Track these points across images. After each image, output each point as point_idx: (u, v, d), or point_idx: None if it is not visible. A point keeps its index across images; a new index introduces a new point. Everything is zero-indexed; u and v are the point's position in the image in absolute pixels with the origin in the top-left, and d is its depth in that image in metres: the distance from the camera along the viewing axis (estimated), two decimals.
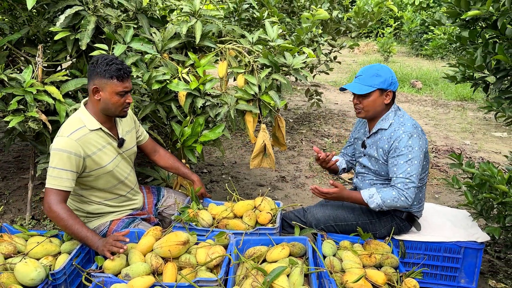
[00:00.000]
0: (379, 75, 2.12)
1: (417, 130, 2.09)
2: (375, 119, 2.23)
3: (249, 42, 2.81)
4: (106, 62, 2.00)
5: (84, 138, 2.05)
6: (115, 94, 2.04)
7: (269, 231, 2.20)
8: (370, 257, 1.98)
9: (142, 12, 2.73)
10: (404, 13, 13.10)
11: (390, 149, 2.12)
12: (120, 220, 2.28)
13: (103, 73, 2.01)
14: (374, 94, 2.13)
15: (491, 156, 4.69)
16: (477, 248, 2.21)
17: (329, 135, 5.32)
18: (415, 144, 2.05)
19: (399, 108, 2.21)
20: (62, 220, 1.95)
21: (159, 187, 2.62)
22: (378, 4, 4.96)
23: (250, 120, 2.65)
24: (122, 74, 2.02)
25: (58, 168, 1.98)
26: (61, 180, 1.98)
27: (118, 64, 2.02)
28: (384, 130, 2.17)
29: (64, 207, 1.98)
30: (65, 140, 2.01)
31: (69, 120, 2.11)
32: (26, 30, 2.73)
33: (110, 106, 2.07)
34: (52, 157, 2.00)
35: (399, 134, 2.08)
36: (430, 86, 8.48)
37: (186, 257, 1.97)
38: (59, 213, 1.95)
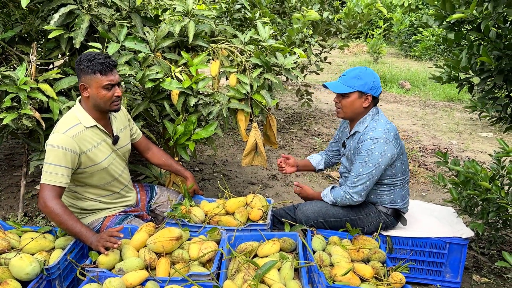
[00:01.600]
0: (361, 78, 2.18)
1: (387, 135, 2.15)
2: (354, 120, 2.30)
3: (241, 42, 2.86)
4: (88, 59, 2.04)
5: (80, 135, 2.09)
6: (102, 88, 2.07)
7: (260, 227, 2.25)
8: (358, 251, 2.04)
9: (135, 11, 2.76)
10: (394, 14, 13.23)
11: (356, 151, 2.23)
12: (113, 217, 2.31)
13: (86, 69, 2.04)
14: (353, 96, 2.20)
15: (477, 155, 4.79)
16: (461, 244, 2.28)
17: (319, 134, 5.39)
18: (377, 149, 2.13)
19: (378, 112, 2.27)
20: (57, 215, 1.98)
21: (152, 185, 2.66)
22: (367, 6, 5.03)
23: (242, 118, 2.70)
24: (104, 68, 2.04)
25: (53, 164, 2.01)
26: (56, 176, 2.01)
27: (101, 59, 2.05)
28: (359, 132, 2.24)
29: (59, 202, 2.01)
30: (61, 137, 2.04)
31: (65, 117, 2.14)
32: (20, 28, 2.75)
33: (99, 101, 2.10)
34: (48, 153, 2.03)
35: (366, 138, 2.17)
36: (419, 87, 8.60)
37: (179, 252, 2.01)
38: (54, 209, 1.98)
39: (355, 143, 2.25)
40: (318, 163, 2.65)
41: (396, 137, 2.19)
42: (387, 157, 2.14)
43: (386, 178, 2.24)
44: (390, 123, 2.21)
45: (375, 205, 2.32)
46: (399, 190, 2.29)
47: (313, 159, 2.66)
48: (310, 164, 2.66)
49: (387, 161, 2.16)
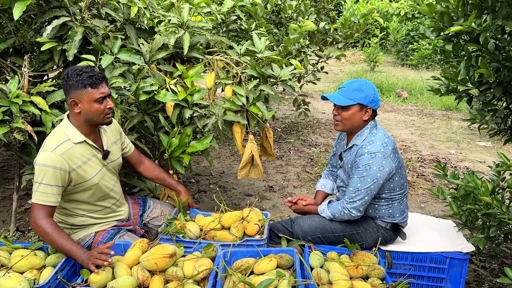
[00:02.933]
0: (362, 90, 2.15)
1: (385, 150, 2.11)
2: (352, 133, 2.26)
3: (237, 54, 2.83)
4: (76, 73, 1.99)
5: (69, 152, 2.03)
6: (94, 102, 2.02)
7: (256, 243, 2.20)
8: (357, 268, 1.99)
9: (130, 23, 2.73)
10: (390, 23, 13.29)
11: (353, 164, 2.19)
12: (105, 231, 2.26)
13: (76, 84, 1.99)
14: (354, 108, 2.16)
15: (475, 165, 4.76)
16: (462, 259, 2.24)
17: (316, 145, 5.35)
18: (375, 164, 2.09)
19: (376, 126, 2.23)
20: (47, 234, 1.94)
21: (145, 197, 2.60)
22: (364, 16, 5.03)
23: (238, 131, 2.66)
24: (94, 81, 2.00)
25: (43, 183, 1.96)
26: (46, 195, 1.97)
27: (89, 72, 2.00)
28: (356, 145, 2.20)
29: (49, 221, 1.97)
30: (49, 155, 1.98)
31: (53, 134, 2.09)
32: (13, 40, 2.71)
33: (92, 116, 2.05)
34: (37, 172, 1.98)
35: (363, 152, 2.12)
36: (416, 96, 8.60)
37: (173, 270, 1.96)
38: (44, 228, 1.94)
39: (353, 157, 2.21)
40: (333, 189, 2.58)
41: (394, 151, 2.15)
42: (385, 172, 2.10)
43: (384, 192, 2.20)
44: (388, 137, 2.18)
45: (374, 219, 2.28)
46: (398, 204, 2.24)
47: (326, 188, 2.59)
48: (325, 193, 2.59)
49: (386, 176, 2.12)
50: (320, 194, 2.59)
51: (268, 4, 4.48)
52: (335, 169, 2.59)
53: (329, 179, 2.62)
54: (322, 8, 5.15)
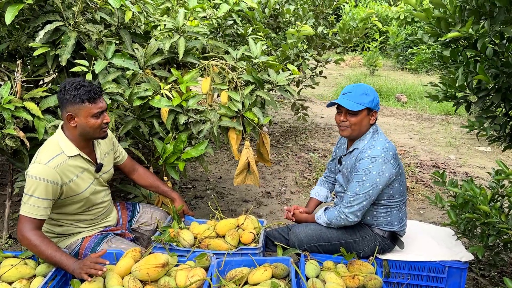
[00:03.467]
0: (368, 94, 2.12)
1: (386, 155, 2.08)
2: (355, 138, 2.22)
3: (233, 59, 2.80)
4: (74, 87, 1.94)
5: (63, 165, 1.99)
6: (91, 117, 1.99)
7: (251, 251, 2.16)
8: (354, 278, 1.95)
9: (124, 28, 2.70)
10: (389, 27, 13.28)
11: (353, 169, 2.15)
12: (92, 237, 2.22)
13: (73, 98, 1.94)
14: (363, 113, 2.13)
15: (475, 171, 4.72)
16: (461, 268, 2.20)
17: (315, 150, 5.31)
18: (375, 168, 2.06)
19: (378, 131, 2.20)
20: (35, 246, 1.89)
21: (134, 202, 2.57)
22: (363, 20, 5.00)
23: (233, 137, 2.62)
24: (93, 96, 1.96)
25: (34, 196, 1.91)
26: (36, 208, 1.92)
27: (87, 86, 1.96)
28: (357, 149, 2.17)
29: (36, 233, 1.92)
30: (42, 168, 1.94)
31: (47, 146, 2.04)
32: (6, 45, 2.68)
33: (88, 130, 2.02)
34: (29, 184, 1.93)
35: (364, 156, 2.09)
36: (415, 100, 8.56)
37: (166, 280, 1.92)
38: (31, 240, 1.89)
39: (353, 161, 2.17)
40: (326, 197, 2.56)
41: (395, 157, 2.12)
42: (385, 177, 2.07)
43: (383, 199, 2.16)
44: (389, 142, 2.14)
45: (371, 227, 2.24)
46: (397, 212, 2.20)
47: (320, 196, 2.55)
48: (317, 201, 2.56)
49: (385, 181, 2.08)
50: (313, 202, 2.55)
51: (266, 9, 4.46)
52: (332, 174, 2.55)
53: (324, 186, 2.58)
54: (321, 12, 5.12)
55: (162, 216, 2.50)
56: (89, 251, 2.17)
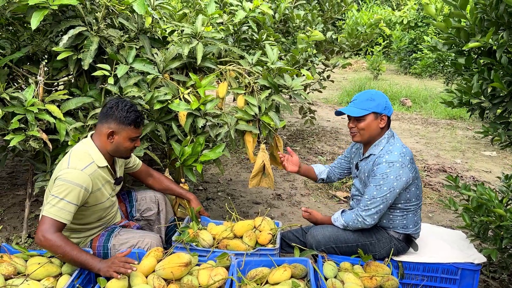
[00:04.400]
0: (373, 99, 2.19)
1: (403, 159, 2.13)
2: (369, 143, 2.28)
3: (249, 63, 2.86)
4: (126, 109, 2.10)
5: (94, 174, 2.09)
6: (129, 139, 2.14)
7: (270, 252, 2.22)
8: (371, 279, 2.01)
9: (143, 33, 2.77)
10: (393, 32, 13.36)
11: (370, 173, 2.21)
12: (99, 236, 2.29)
13: (122, 119, 2.10)
14: (369, 117, 2.19)
15: (481, 175, 4.78)
16: (474, 270, 2.25)
17: (322, 153, 5.37)
18: (392, 173, 2.11)
19: (393, 136, 2.26)
20: (59, 247, 1.92)
21: (128, 190, 2.63)
22: (371, 26, 5.07)
23: (249, 140, 2.68)
24: (139, 122, 2.14)
25: (65, 200, 1.97)
26: (64, 212, 1.98)
27: (137, 112, 2.14)
28: (374, 155, 2.23)
29: (60, 235, 1.96)
30: (79, 174, 2.02)
31: (79, 153, 2.12)
32: (27, 49, 2.74)
33: (121, 149, 2.16)
34: (62, 188, 1.98)
35: (381, 161, 2.15)
36: (420, 104, 8.63)
37: (188, 278, 1.98)
38: (55, 241, 1.92)
39: (370, 166, 2.23)
40: (320, 173, 2.62)
41: (411, 162, 2.17)
42: (402, 181, 2.12)
43: (400, 202, 2.22)
44: (406, 147, 2.20)
45: (387, 230, 2.29)
46: (412, 215, 2.26)
47: (317, 168, 2.63)
48: (313, 172, 2.63)
49: (402, 185, 2.14)
50: (308, 167, 2.63)
51: (276, 14, 4.52)
52: (336, 168, 2.62)
53: (326, 168, 2.65)
54: (329, 18, 5.19)
55: (160, 197, 2.58)
56: (101, 249, 2.24)
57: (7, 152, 2.98)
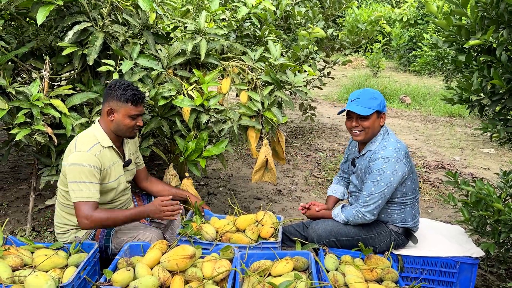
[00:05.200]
0: (376, 98, 2.22)
1: (398, 154, 2.17)
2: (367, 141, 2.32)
3: (251, 59, 2.89)
4: (123, 87, 2.17)
5: (101, 153, 2.17)
6: (128, 117, 2.20)
7: (272, 245, 2.26)
8: (372, 271, 2.05)
9: (147, 29, 2.79)
10: (393, 29, 13.39)
11: (367, 170, 2.25)
12: None
13: (119, 96, 2.17)
14: (373, 116, 2.23)
15: (480, 172, 4.82)
16: (472, 263, 2.30)
17: (323, 149, 5.41)
18: (388, 168, 2.15)
19: (388, 132, 2.30)
20: (108, 219, 2.12)
21: (149, 195, 2.70)
22: (371, 23, 5.10)
23: (252, 135, 2.72)
24: (136, 99, 2.19)
25: (83, 181, 2.08)
26: (90, 192, 2.09)
27: (134, 90, 2.19)
28: (370, 151, 2.27)
29: (99, 210, 2.12)
30: (85, 155, 2.10)
31: (83, 136, 2.20)
32: (32, 44, 2.77)
33: (122, 127, 2.22)
34: (74, 172, 2.08)
35: (377, 157, 2.19)
36: (419, 102, 8.67)
37: (193, 270, 2.01)
38: (100, 217, 2.10)
39: (366, 162, 2.27)
40: (343, 194, 2.65)
41: (406, 156, 2.21)
42: (398, 176, 2.17)
43: (397, 196, 2.26)
44: (401, 142, 2.24)
45: (386, 224, 2.34)
46: (410, 209, 2.30)
47: (337, 193, 2.65)
48: (335, 198, 2.65)
49: (399, 180, 2.18)
50: (332, 199, 2.65)
51: (278, 10, 4.54)
52: (346, 175, 2.65)
53: (340, 184, 2.68)
54: (330, 15, 5.22)
55: None
56: (104, 235, 2.32)
57: (10, 147, 3.02)
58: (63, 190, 2.27)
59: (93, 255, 2.15)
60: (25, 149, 3.09)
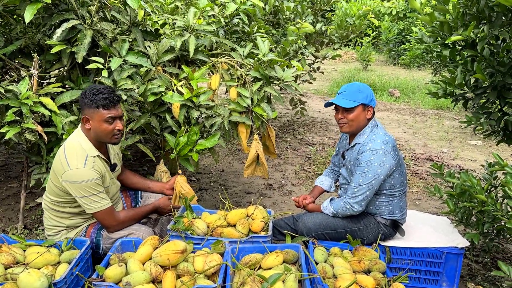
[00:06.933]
0: (361, 91, 2.27)
1: (386, 147, 2.22)
2: (355, 133, 2.37)
3: (240, 56, 2.91)
4: (93, 93, 2.15)
5: (94, 164, 2.20)
6: (103, 122, 2.18)
7: (262, 239, 2.30)
8: (360, 263, 2.10)
9: (135, 26, 2.80)
10: (382, 23, 13.45)
11: (355, 162, 2.30)
12: (96, 223, 2.39)
13: (90, 103, 2.15)
14: (358, 109, 2.27)
15: (467, 163, 4.90)
16: (457, 253, 2.36)
17: (313, 143, 5.46)
18: (376, 160, 2.20)
19: (377, 125, 2.35)
20: (130, 218, 2.37)
21: (136, 190, 2.74)
22: (359, 17, 5.14)
23: (243, 131, 2.75)
24: (108, 103, 2.15)
25: (95, 194, 2.17)
26: (103, 200, 2.20)
27: (105, 94, 2.15)
28: (358, 144, 2.32)
29: (121, 212, 2.36)
30: (84, 171, 2.15)
31: (72, 149, 2.20)
32: (21, 42, 2.76)
33: (100, 134, 2.21)
34: (82, 189, 2.14)
35: (365, 149, 2.24)
36: (408, 95, 8.75)
37: (184, 265, 2.05)
38: (123, 218, 2.33)
39: (355, 155, 2.32)
40: (330, 187, 2.72)
41: (394, 149, 2.26)
42: (386, 168, 2.21)
43: (385, 188, 2.31)
44: (389, 135, 2.29)
45: (374, 216, 2.38)
46: (398, 201, 2.35)
47: (324, 184, 2.71)
48: (321, 189, 2.72)
49: (386, 172, 2.23)
50: (317, 189, 2.70)
51: (267, 6, 4.56)
52: (336, 168, 2.70)
53: (329, 177, 2.73)
54: (319, 9, 5.24)
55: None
56: (94, 236, 2.35)
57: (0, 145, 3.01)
58: (52, 198, 2.29)
59: (85, 251, 2.17)
60: (15, 147, 3.08)
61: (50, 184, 2.28)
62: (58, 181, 2.18)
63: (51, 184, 2.27)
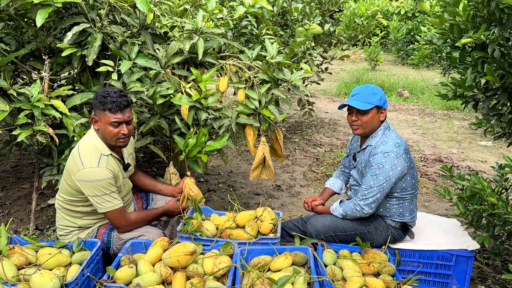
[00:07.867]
0: (376, 93, 2.26)
1: (398, 149, 2.21)
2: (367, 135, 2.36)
3: (249, 58, 2.92)
4: (103, 95, 2.20)
5: (108, 163, 2.23)
6: (109, 125, 2.21)
7: (271, 241, 2.30)
8: (369, 265, 2.09)
9: (145, 29, 2.82)
10: (390, 22, 13.38)
11: (367, 164, 2.30)
12: (108, 223, 2.42)
13: (98, 105, 2.20)
14: (372, 111, 2.26)
15: (477, 165, 4.87)
16: (467, 256, 2.34)
17: (321, 144, 5.45)
18: (387, 163, 2.19)
19: (389, 127, 2.34)
20: (142, 219, 2.40)
21: (147, 193, 2.77)
22: (368, 18, 5.12)
23: (250, 133, 2.75)
24: (114, 107, 2.18)
25: (107, 193, 2.20)
26: (115, 199, 2.23)
27: (113, 98, 2.18)
28: (370, 146, 2.31)
29: (132, 213, 2.38)
30: (98, 170, 2.18)
31: (85, 148, 2.24)
32: (32, 45, 2.79)
33: (106, 135, 2.24)
34: (94, 188, 2.17)
35: (377, 151, 2.23)
36: (417, 95, 8.69)
37: (194, 266, 2.06)
38: (135, 219, 2.35)
39: (366, 157, 2.31)
40: (341, 189, 2.72)
41: (406, 152, 2.25)
42: (397, 171, 2.21)
43: (396, 191, 2.30)
44: (401, 138, 2.28)
45: (384, 218, 2.38)
46: (408, 204, 2.35)
47: (335, 187, 2.72)
48: (332, 191, 2.72)
49: (397, 175, 2.22)
50: (328, 191, 2.70)
51: (275, 7, 4.56)
52: (346, 169, 2.70)
53: (340, 179, 2.73)
54: (327, 10, 5.24)
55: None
56: (105, 237, 2.38)
57: (12, 146, 3.05)
58: (65, 197, 2.32)
59: (96, 252, 2.19)
60: (26, 149, 3.12)
61: (63, 183, 2.32)
62: (72, 180, 2.22)
63: (64, 183, 2.31)
